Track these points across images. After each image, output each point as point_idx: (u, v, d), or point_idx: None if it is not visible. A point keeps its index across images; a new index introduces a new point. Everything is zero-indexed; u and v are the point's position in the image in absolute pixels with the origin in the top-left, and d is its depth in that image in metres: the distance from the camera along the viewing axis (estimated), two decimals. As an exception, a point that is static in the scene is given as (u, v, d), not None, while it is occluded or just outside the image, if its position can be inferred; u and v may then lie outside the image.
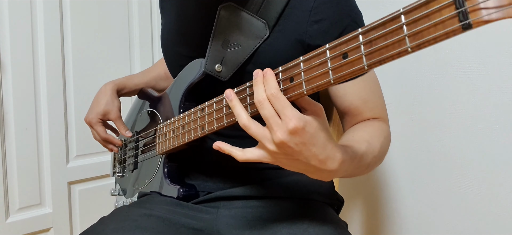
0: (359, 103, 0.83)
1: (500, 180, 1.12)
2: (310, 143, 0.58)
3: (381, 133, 0.80)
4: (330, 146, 0.61)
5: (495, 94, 1.11)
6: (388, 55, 0.46)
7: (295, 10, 0.82)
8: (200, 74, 0.88)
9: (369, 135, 0.77)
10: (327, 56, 0.54)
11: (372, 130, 0.80)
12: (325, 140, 0.60)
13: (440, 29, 0.41)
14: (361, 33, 0.50)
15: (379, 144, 0.77)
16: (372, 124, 0.83)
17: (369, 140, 0.75)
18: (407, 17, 0.44)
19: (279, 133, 0.58)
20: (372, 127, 0.81)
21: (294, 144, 0.58)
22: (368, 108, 0.84)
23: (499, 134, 1.11)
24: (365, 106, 0.84)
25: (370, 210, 1.49)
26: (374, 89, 0.85)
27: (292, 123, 0.57)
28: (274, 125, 0.58)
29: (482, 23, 0.37)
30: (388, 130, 0.85)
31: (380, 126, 0.82)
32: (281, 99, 0.58)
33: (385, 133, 0.81)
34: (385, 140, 0.80)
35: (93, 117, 1.06)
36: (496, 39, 1.10)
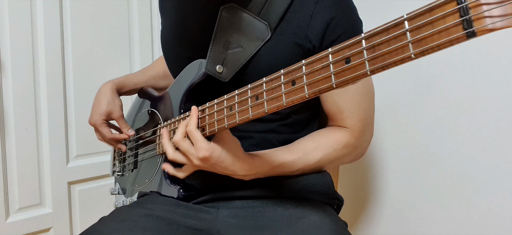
0: (335, 111, 0.90)
1: (500, 180, 1.12)
2: (218, 164, 0.78)
3: (331, 145, 0.89)
4: (237, 163, 0.79)
5: (495, 94, 1.11)
6: (391, 61, 0.46)
7: (296, 13, 0.82)
8: (201, 75, 0.88)
9: (315, 145, 0.89)
10: (329, 61, 0.54)
11: (322, 141, 0.89)
12: (232, 160, 0.79)
13: (444, 37, 0.41)
14: (364, 38, 0.50)
15: (320, 155, 0.88)
16: (330, 134, 0.91)
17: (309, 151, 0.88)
18: (410, 23, 0.44)
19: (194, 161, 0.78)
20: (325, 138, 0.90)
21: (208, 165, 0.78)
22: (341, 118, 0.90)
23: (499, 133, 1.12)
24: (340, 115, 0.90)
25: (370, 210, 1.49)
26: (356, 100, 0.89)
27: (201, 153, 0.75)
28: (190, 156, 0.78)
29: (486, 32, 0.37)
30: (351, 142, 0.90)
31: (336, 138, 0.89)
32: (194, 135, 0.76)
33: (338, 145, 0.89)
34: (333, 152, 0.89)
35: (97, 119, 1.06)
36: (496, 39, 1.10)
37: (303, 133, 0.95)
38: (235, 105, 0.71)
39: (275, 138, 0.92)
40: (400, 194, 1.39)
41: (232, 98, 0.72)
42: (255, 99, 0.67)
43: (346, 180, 1.56)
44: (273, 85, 0.64)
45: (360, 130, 0.90)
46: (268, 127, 0.91)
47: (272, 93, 0.64)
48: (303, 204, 0.88)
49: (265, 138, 0.91)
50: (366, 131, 0.92)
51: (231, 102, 0.72)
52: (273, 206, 0.88)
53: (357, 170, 1.53)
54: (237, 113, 0.71)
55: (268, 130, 0.91)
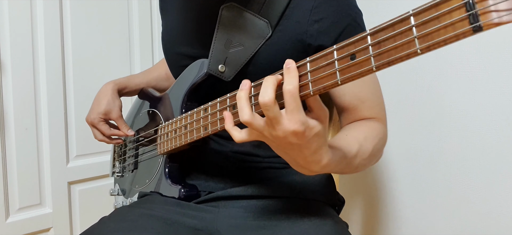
0: (357, 102, 0.84)
1: (500, 180, 1.12)
2: (303, 146, 0.61)
3: (376, 134, 0.80)
4: (320, 152, 0.63)
5: (495, 94, 1.12)
6: (397, 56, 0.46)
7: (296, 9, 0.82)
8: (203, 75, 0.88)
9: (363, 135, 0.78)
10: (334, 57, 0.55)
11: (367, 130, 0.80)
12: (318, 146, 0.62)
13: (450, 31, 0.41)
14: (369, 34, 0.50)
15: (371, 146, 0.77)
16: (368, 124, 0.83)
17: (362, 142, 0.76)
18: (417, 18, 0.44)
19: (280, 131, 0.59)
20: (368, 127, 0.82)
21: (290, 143, 0.61)
22: (365, 108, 0.85)
23: (499, 133, 1.12)
24: (363, 106, 0.85)
25: (370, 210, 1.49)
26: (373, 89, 0.86)
27: (295, 126, 0.58)
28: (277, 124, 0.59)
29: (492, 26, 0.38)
30: (385, 130, 0.85)
31: (376, 127, 0.83)
32: (296, 100, 0.58)
33: (380, 134, 0.82)
34: (379, 142, 0.80)
35: (95, 117, 1.06)
36: (497, 39, 1.10)
37: None
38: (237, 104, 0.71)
39: (276, 138, 0.91)
40: (400, 194, 1.39)
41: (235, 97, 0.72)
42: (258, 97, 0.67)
43: (347, 180, 1.56)
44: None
45: (385, 117, 0.88)
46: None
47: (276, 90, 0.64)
48: (303, 204, 0.88)
49: (266, 137, 0.91)
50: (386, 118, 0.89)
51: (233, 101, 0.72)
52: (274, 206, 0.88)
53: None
54: None
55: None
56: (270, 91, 0.58)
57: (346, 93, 0.85)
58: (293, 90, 0.58)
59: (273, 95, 0.58)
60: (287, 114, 0.58)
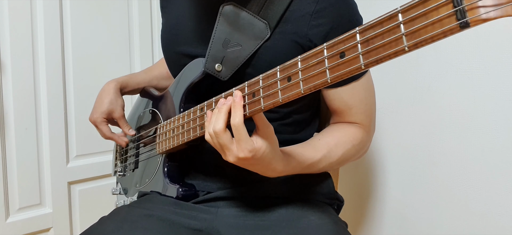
0: (344, 108, 0.89)
1: (500, 180, 1.12)
2: (255, 164, 0.71)
3: (350, 141, 0.87)
4: (271, 165, 0.73)
5: (495, 94, 1.11)
6: (385, 54, 0.46)
7: (296, 13, 0.82)
8: (200, 74, 0.88)
9: (336, 141, 0.86)
10: (324, 56, 0.54)
11: (341, 137, 0.87)
12: (268, 161, 0.72)
13: (438, 28, 0.40)
14: (358, 32, 0.50)
15: (341, 151, 0.85)
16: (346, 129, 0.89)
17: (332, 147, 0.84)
18: (404, 15, 0.44)
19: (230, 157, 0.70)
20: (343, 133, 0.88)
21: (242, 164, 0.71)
22: (351, 114, 0.89)
23: (499, 133, 1.11)
24: (349, 112, 0.89)
25: (370, 210, 1.49)
26: (363, 96, 0.89)
27: (242, 153, 0.68)
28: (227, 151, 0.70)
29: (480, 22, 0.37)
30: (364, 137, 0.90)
31: (353, 133, 0.88)
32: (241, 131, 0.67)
33: (355, 141, 0.87)
34: (353, 148, 0.87)
35: (98, 117, 1.06)
36: (497, 39, 1.09)
37: (304, 132, 0.95)
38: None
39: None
40: (400, 194, 1.39)
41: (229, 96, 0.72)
42: (252, 96, 0.67)
43: (346, 180, 1.55)
44: (269, 82, 0.64)
45: (369, 124, 0.91)
46: (268, 126, 0.91)
47: (268, 90, 0.64)
48: (303, 204, 0.87)
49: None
50: (372, 126, 0.93)
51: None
52: (273, 206, 0.88)
53: (357, 170, 1.52)
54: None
55: (268, 129, 0.91)
56: (221, 122, 0.69)
57: (336, 98, 0.89)
58: (237, 124, 0.67)
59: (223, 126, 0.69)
60: (236, 143, 0.68)
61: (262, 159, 0.70)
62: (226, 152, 0.70)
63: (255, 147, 0.68)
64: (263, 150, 0.69)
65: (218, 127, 0.68)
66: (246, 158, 0.68)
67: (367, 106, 0.90)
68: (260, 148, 0.69)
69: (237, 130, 0.67)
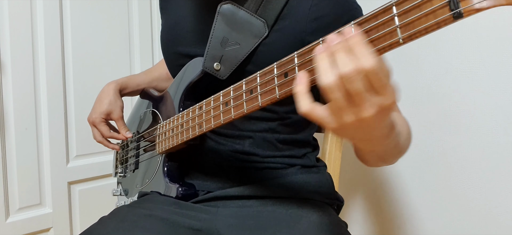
0: None
1: (500, 180, 1.12)
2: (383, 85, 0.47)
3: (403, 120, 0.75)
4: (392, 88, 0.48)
5: (495, 94, 1.11)
6: (379, 47, 0.46)
7: (294, 9, 0.82)
8: (199, 73, 0.88)
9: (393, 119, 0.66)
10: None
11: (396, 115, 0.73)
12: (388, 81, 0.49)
13: (431, 19, 0.40)
14: (353, 26, 0.50)
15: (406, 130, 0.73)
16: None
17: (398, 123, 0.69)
18: (398, 8, 0.44)
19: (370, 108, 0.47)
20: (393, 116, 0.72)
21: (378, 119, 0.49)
22: None
23: (499, 133, 1.11)
24: None
25: (370, 210, 1.49)
26: None
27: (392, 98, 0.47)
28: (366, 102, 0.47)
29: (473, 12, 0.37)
30: None
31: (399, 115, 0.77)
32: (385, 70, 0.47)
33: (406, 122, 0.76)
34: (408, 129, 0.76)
35: (96, 117, 1.06)
36: (497, 38, 1.09)
37: (303, 132, 0.95)
38: (230, 100, 0.71)
39: (275, 137, 0.91)
40: (400, 194, 1.39)
41: (228, 94, 0.72)
42: (250, 93, 0.67)
43: (346, 180, 1.55)
44: (267, 79, 0.64)
45: None
46: (268, 126, 0.91)
47: (265, 86, 0.64)
48: (303, 204, 0.87)
49: (265, 137, 0.91)
50: None
51: (226, 98, 0.72)
52: (273, 206, 0.87)
53: (357, 170, 1.52)
54: (232, 108, 0.71)
55: (268, 129, 0.91)
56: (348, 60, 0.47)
57: None
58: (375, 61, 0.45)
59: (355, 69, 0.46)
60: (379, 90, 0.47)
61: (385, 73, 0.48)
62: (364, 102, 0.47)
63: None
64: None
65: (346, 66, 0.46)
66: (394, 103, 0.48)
67: None
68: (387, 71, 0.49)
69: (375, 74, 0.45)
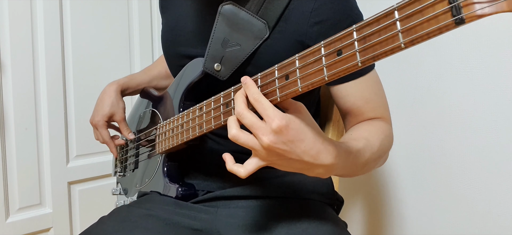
0: (361, 103, 0.84)
1: (500, 180, 1.12)
2: (297, 140, 0.59)
3: (381, 131, 0.80)
4: (320, 140, 0.61)
5: (495, 94, 1.11)
6: (381, 51, 0.46)
7: (295, 11, 0.82)
8: (199, 74, 0.88)
9: (369, 132, 0.77)
10: (322, 54, 0.54)
11: (372, 128, 0.80)
12: (314, 135, 0.61)
13: (433, 25, 0.40)
14: (355, 30, 0.50)
15: (378, 141, 0.76)
16: (372, 123, 0.83)
17: (368, 137, 0.75)
18: (400, 13, 0.44)
19: (264, 137, 0.58)
20: (372, 126, 0.81)
21: (282, 143, 0.59)
22: (370, 108, 0.84)
23: (499, 133, 1.11)
24: (367, 106, 0.84)
25: (370, 210, 1.49)
26: (376, 89, 0.85)
27: (274, 123, 0.57)
28: (258, 131, 0.59)
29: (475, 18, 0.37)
30: (390, 129, 0.85)
31: (381, 125, 0.82)
32: (262, 102, 0.60)
33: (386, 131, 0.81)
34: (385, 139, 0.80)
35: (99, 119, 1.06)
36: (497, 39, 1.10)
37: None
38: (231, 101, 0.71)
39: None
40: (400, 194, 1.39)
41: (228, 95, 0.72)
42: None
43: (346, 180, 1.55)
44: (267, 81, 0.64)
45: (390, 117, 0.88)
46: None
47: (266, 88, 0.64)
48: (302, 204, 0.87)
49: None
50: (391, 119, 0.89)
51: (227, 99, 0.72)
52: (273, 206, 0.87)
53: (357, 170, 1.52)
54: (233, 110, 0.71)
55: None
56: (240, 101, 0.62)
57: (349, 93, 0.83)
58: (256, 96, 0.61)
59: (243, 105, 0.62)
60: (263, 117, 0.59)
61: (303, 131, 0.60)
62: (257, 132, 0.59)
63: (289, 115, 0.59)
64: (300, 119, 0.60)
65: (238, 107, 0.62)
66: (280, 127, 0.57)
67: (383, 100, 0.87)
68: (295, 118, 0.60)
69: (257, 102, 0.61)
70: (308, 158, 0.61)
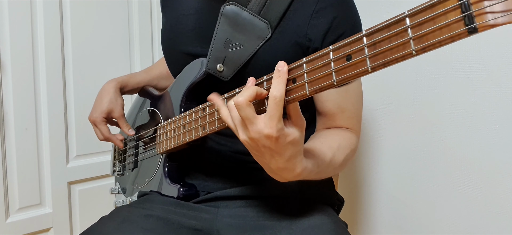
0: (337, 111, 0.87)
1: (500, 180, 1.12)
2: (276, 152, 0.63)
3: (348, 145, 0.84)
4: (293, 161, 0.65)
5: (495, 94, 1.11)
6: (392, 58, 0.46)
7: (296, 12, 0.82)
8: (202, 74, 0.88)
9: (337, 144, 0.81)
10: (330, 58, 0.54)
11: (341, 140, 0.83)
12: (292, 155, 0.64)
13: (446, 33, 0.41)
14: (365, 35, 0.50)
15: (343, 156, 0.81)
16: (342, 134, 0.86)
17: (335, 151, 0.79)
18: (412, 20, 0.44)
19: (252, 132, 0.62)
20: (342, 138, 0.84)
21: (262, 146, 0.63)
22: (344, 117, 0.87)
23: (499, 133, 1.12)
24: (342, 115, 0.87)
25: (370, 210, 1.49)
26: (354, 100, 0.88)
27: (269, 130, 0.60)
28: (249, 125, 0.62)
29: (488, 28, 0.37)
30: (357, 142, 0.88)
31: (349, 138, 0.85)
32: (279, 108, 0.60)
33: (352, 145, 0.85)
34: (350, 153, 0.84)
35: (97, 116, 1.05)
36: (497, 39, 1.10)
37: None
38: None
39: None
40: (400, 194, 1.39)
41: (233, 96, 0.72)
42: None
43: (346, 180, 1.56)
44: None
45: (359, 129, 0.91)
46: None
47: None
48: (303, 204, 0.87)
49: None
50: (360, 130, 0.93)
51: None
52: (273, 206, 0.87)
53: (357, 170, 1.52)
54: None
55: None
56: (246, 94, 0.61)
57: (329, 99, 0.86)
58: (278, 98, 0.60)
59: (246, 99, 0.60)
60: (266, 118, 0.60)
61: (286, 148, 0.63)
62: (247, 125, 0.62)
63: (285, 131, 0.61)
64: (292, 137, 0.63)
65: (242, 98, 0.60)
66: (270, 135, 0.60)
67: (358, 112, 0.90)
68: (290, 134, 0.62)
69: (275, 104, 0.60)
70: (273, 167, 0.66)
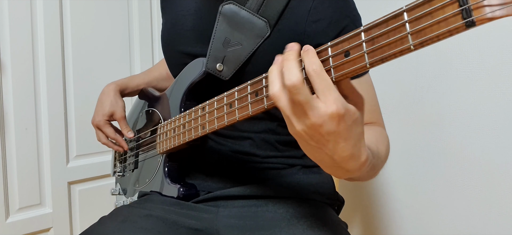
0: None
1: (500, 180, 1.12)
2: (342, 136, 0.51)
3: (384, 138, 0.79)
4: (359, 145, 0.54)
5: (495, 94, 1.11)
6: (390, 53, 0.46)
7: (295, 10, 0.82)
8: (201, 74, 0.88)
9: (375, 138, 0.73)
10: (328, 54, 0.54)
11: (375, 135, 0.76)
12: (357, 137, 0.54)
13: (443, 27, 0.41)
14: (363, 31, 0.49)
15: (384, 148, 0.74)
16: (373, 128, 0.80)
17: (376, 143, 0.71)
18: (409, 14, 0.44)
19: (314, 117, 0.50)
20: (374, 132, 0.78)
21: (326, 133, 0.51)
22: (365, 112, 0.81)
23: (499, 133, 1.11)
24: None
25: (370, 210, 1.49)
26: (371, 93, 0.85)
27: (333, 107, 0.49)
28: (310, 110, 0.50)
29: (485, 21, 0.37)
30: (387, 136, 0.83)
31: (381, 131, 0.82)
32: (325, 78, 0.50)
33: (386, 139, 0.80)
34: (388, 146, 0.77)
35: (100, 119, 1.06)
36: (497, 39, 1.10)
37: None
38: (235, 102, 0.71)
39: (274, 138, 0.91)
40: (400, 194, 1.39)
41: (232, 95, 0.71)
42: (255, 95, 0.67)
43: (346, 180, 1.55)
44: None
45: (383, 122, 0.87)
46: (267, 127, 0.91)
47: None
48: (303, 204, 0.87)
49: (265, 138, 0.91)
50: None
51: (230, 99, 0.71)
52: (273, 206, 0.87)
53: (357, 170, 1.52)
54: (237, 110, 0.70)
55: (267, 130, 0.91)
56: (296, 71, 0.50)
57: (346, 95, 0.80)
58: (318, 69, 0.50)
59: (301, 75, 0.49)
60: (320, 96, 0.50)
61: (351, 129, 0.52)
62: (308, 111, 0.50)
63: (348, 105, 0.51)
64: (356, 116, 0.52)
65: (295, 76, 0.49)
66: (336, 114, 0.49)
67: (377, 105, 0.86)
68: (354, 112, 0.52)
69: (318, 76, 0.50)
70: (337, 157, 0.54)
